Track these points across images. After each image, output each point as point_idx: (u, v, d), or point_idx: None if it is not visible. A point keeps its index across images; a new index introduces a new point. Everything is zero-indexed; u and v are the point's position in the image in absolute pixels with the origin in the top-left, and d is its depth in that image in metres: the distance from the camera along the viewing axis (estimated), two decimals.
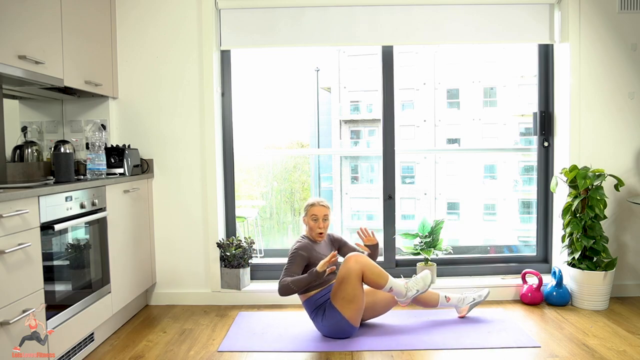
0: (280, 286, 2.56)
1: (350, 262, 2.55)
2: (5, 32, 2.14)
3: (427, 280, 2.66)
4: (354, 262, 2.54)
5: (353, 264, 2.54)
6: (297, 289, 2.54)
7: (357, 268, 2.53)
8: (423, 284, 2.64)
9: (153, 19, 3.18)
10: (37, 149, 2.91)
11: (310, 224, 2.76)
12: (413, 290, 2.61)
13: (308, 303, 2.66)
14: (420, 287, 2.63)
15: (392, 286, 2.57)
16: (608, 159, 3.19)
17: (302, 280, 2.53)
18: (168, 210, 3.25)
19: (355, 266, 2.53)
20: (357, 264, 2.54)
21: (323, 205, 2.76)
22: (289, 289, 2.53)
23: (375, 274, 2.55)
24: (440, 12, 3.22)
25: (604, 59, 3.17)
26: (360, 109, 5.01)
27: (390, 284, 2.57)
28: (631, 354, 2.37)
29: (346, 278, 2.53)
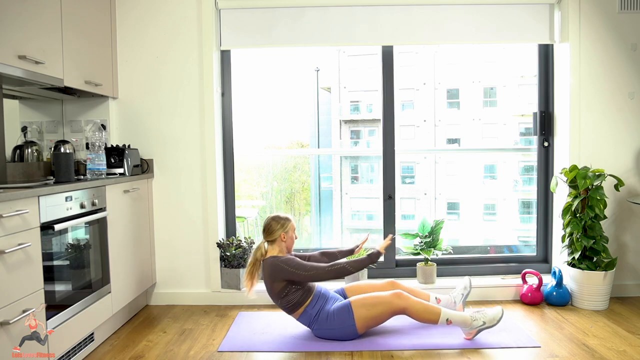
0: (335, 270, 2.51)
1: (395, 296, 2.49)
2: (5, 32, 2.14)
3: (498, 316, 2.49)
4: (398, 297, 2.49)
5: (397, 300, 2.48)
6: (355, 270, 2.54)
7: (399, 305, 2.48)
8: (492, 318, 2.49)
9: (153, 19, 3.18)
10: (37, 149, 2.91)
11: (292, 238, 2.67)
12: (480, 321, 2.48)
13: (304, 317, 2.59)
14: (488, 321, 2.48)
15: (449, 318, 2.47)
16: (608, 159, 3.19)
17: (361, 261, 2.54)
18: (168, 210, 3.25)
19: (398, 302, 2.48)
20: (402, 302, 2.48)
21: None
22: (346, 270, 2.52)
23: (420, 311, 2.48)
24: (440, 12, 3.22)
25: (604, 59, 3.17)
26: (360, 109, 5.01)
27: (445, 317, 2.47)
28: (631, 354, 2.37)
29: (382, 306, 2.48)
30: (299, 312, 2.58)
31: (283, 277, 2.53)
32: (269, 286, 2.60)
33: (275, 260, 2.57)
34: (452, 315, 2.48)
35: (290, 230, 2.65)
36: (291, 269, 2.53)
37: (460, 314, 2.50)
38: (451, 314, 2.48)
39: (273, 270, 2.55)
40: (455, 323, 2.48)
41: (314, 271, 2.52)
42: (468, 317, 2.49)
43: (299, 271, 2.52)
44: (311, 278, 2.53)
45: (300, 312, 2.58)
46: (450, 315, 2.48)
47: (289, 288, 2.55)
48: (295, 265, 2.54)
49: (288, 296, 2.55)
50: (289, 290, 2.55)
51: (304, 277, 2.52)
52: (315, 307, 2.56)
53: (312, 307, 2.56)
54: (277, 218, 2.66)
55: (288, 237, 2.65)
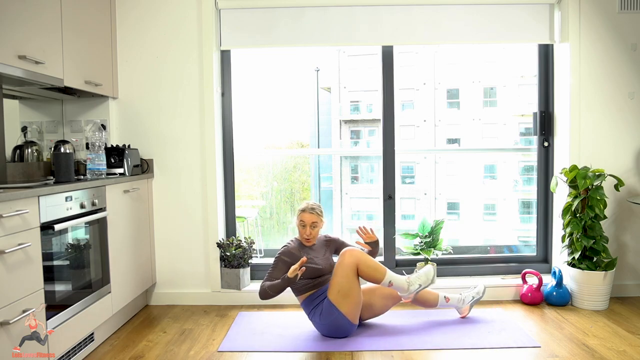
0: (260, 291, 2.58)
1: (344, 256, 2.56)
2: (5, 32, 2.14)
3: (430, 275, 2.63)
4: (348, 255, 2.55)
5: (347, 257, 2.54)
6: (274, 294, 2.55)
7: (350, 262, 2.53)
8: (425, 278, 2.62)
9: (153, 19, 3.18)
10: (37, 149, 2.91)
11: (299, 229, 2.74)
12: (415, 284, 2.59)
13: (306, 303, 2.67)
14: (423, 282, 2.60)
15: (391, 280, 2.56)
16: (608, 159, 3.19)
17: (277, 286, 2.54)
18: (168, 210, 3.25)
19: (349, 260, 2.53)
20: (351, 258, 2.54)
21: (312, 213, 2.70)
22: (266, 293, 2.56)
23: (370, 267, 2.55)
24: (440, 12, 3.22)
25: (604, 59, 3.17)
26: (360, 109, 5.01)
27: (389, 278, 2.56)
28: (631, 354, 2.37)
29: (340, 272, 2.53)
30: (303, 297, 2.68)
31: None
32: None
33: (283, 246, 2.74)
34: (394, 278, 2.56)
35: (297, 219, 2.75)
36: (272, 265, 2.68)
37: (400, 278, 2.58)
38: (395, 277, 2.57)
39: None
40: (396, 286, 2.58)
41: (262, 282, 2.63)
42: (404, 281, 2.58)
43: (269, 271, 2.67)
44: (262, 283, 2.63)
45: (304, 296, 2.68)
46: (392, 278, 2.56)
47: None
48: (272, 265, 2.68)
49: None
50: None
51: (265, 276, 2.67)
52: (318, 299, 2.63)
53: (315, 298, 2.64)
54: (299, 207, 2.77)
55: (297, 225, 2.76)
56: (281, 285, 2.52)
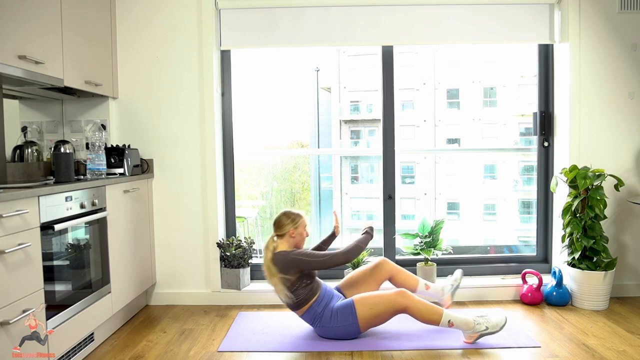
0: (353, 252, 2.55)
1: (399, 294, 2.48)
2: (5, 32, 2.14)
3: (501, 324, 2.47)
4: (402, 296, 2.47)
5: (400, 298, 2.46)
6: (365, 246, 2.62)
7: (403, 303, 2.46)
8: (495, 325, 2.46)
9: (153, 19, 3.18)
10: (37, 149, 2.90)
11: (304, 233, 2.63)
12: (483, 325, 2.45)
13: (308, 315, 2.58)
14: (491, 327, 2.45)
15: (450, 320, 2.44)
16: (608, 159, 3.19)
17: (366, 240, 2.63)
18: (168, 210, 3.25)
19: (401, 301, 2.45)
20: (404, 300, 2.46)
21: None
22: (359, 248, 2.58)
23: (422, 311, 2.45)
24: (440, 12, 3.22)
25: (604, 59, 3.17)
26: (360, 109, 5.01)
27: (447, 318, 2.44)
28: (631, 354, 2.37)
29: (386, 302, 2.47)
30: (305, 308, 2.57)
31: (298, 267, 2.51)
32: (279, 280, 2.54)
33: (288, 254, 2.54)
34: (454, 317, 2.45)
35: (300, 227, 2.60)
36: (305, 257, 2.51)
37: (463, 317, 2.47)
38: (453, 316, 2.45)
39: (286, 262, 2.51)
40: (457, 326, 2.46)
41: (329, 256, 2.53)
42: (471, 321, 2.45)
43: (314, 258, 2.51)
44: (327, 263, 2.52)
45: (306, 308, 2.57)
46: (452, 317, 2.44)
47: (300, 282, 2.53)
48: (309, 253, 2.54)
49: (298, 291, 2.53)
50: (299, 284, 2.53)
51: (319, 264, 2.51)
52: (321, 305, 2.56)
53: (318, 304, 2.56)
54: (289, 213, 2.63)
55: (297, 234, 2.59)
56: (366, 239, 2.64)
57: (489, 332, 2.46)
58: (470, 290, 3.22)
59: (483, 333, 2.46)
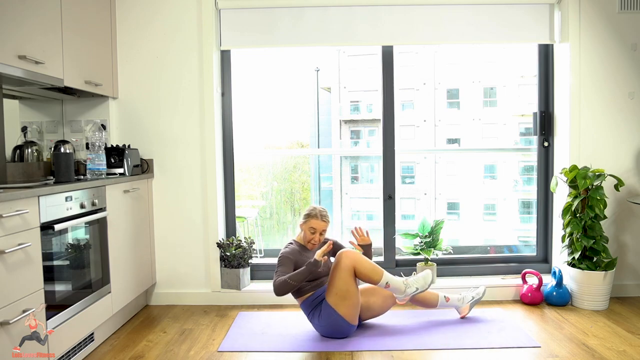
0: (277, 285, 2.51)
1: (341, 257, 2.56)
2: (5, 32, 2.14)
3: (428, 279, 2.64)
4: (345, 257, 2.55)
5: (344, 259, 2.54)
6: (296, 283, 2.51)
7: (347, 263, 2.53)
8: (423, 282, 2.62)
9: (153, 19, 3.18)
10: (37, 149, 2.90)
11: (307, 234, 2.71)
12: (412, 287, 2.59)
13: (305, 305, 2.66)
14: (420, 286, 2.61)
15: (388, 281, 2.56)
16: (608, 159, 3.19)
17: (300, 273, 2.50)
18: (168, 210, 3.25)
19: (345, 261, 2.53)
20: (348, 259, 2.54)
21: (324, 221, 2.71)
22: (287, 284, 2.50)
23: (367, 268, 2.55)
24: (440, 12, 3.22)
25: (604, 59, 3.17)
26: (360, 109, 5.01)
27: (385, 279, 2.55)
28: (631, 354, 2.37)
29: (337, 274, 2.53)
30: (302, 298, 2.67)
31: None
32: None
33: (284, 247, 2.71)
34: (391, 279, 2.57)
35: (306, 225, 2.71)
36: (278, 263, 2.64)
37: (397, 280, 2.58)
38: (392, 278, 2.57)
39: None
40: (392, 288, 2.58)
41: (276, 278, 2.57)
42: (402, 283, 2.58)
43: (277, 270, 2.61)
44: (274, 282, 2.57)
45: (303, 298, 2.67)
46: (390, 279, 2.56)
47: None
48: (279, 264, 2.63)
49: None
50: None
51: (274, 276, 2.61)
52: (316, 300, 2.63)
53: (314, 299, 2.64)
54: (308, 211, 2.74)
55: (305, 230, 2.72)
56: (305, 272, 2.50)
57: (420, 291, 2.62)
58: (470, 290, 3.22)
59: (415, 293, 2.61)
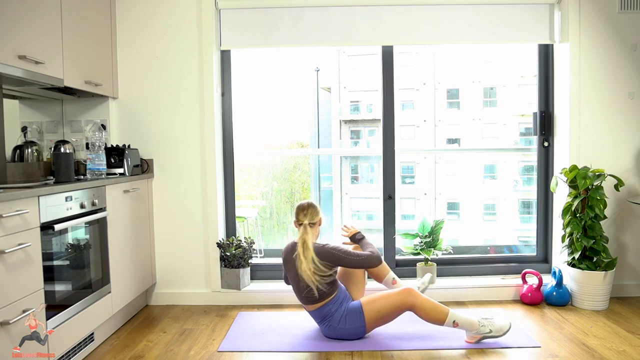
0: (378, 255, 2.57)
1: (405, 293, 2.48)
2: (5, 32, 2.14)
3: (505, 329, 2.50)
4: (408, 295, 2.47)
5: (407, 297, 2.47)
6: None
7: (409, 302, 2.46)
8: (499, 329, 2.49)
9: (153, 19, 3.18)
10: (37, 149, 2.91)
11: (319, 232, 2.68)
12: (487, 328, 2.47)
13: (320, 311, 2.56)
14: (495, 330, 2.48)
15: (455, 320, 2.45)
16: (608, 159, 3.19)
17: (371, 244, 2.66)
18: (168, 210, 3.25)
19: (407, 299, 2.46)
20: (410, 298, 2.46)
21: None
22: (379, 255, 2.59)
23: (428, 309, 2.45)
24: (440, 12, 3.22)
25: (604, 59, 3.17)
26: (360, 109, 5.01)
27: (452, 318, 2.44)
28: (631, 354, 2.37)
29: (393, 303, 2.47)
30: (320, 304, 2.55)
31: (332, 262, 2.52)
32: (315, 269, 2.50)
33: (324, 246, 2.54)
34: (459, 317, 2.45)
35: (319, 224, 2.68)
36: (341, 253, 2.51)
37: (468, 318, 2.47)
38: (458, 316, 2.45)
39: (322, 254, 2.51)
40: (462, 326, 2.46)
41: (364, 257, 2.54)
42: (476, 322, 2.47)
43: (350, 256, 2.51)
44: (362, 264, 2.54)
45: (320, 305, 2.55)
46: (457, 318, 2.45)
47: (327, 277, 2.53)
48: (345, 250, 2.53)
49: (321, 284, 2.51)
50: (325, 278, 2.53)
51: (353, 262, 2.53)
52: (336, 304, 2.55)
53: (333, 303, 2.55)
54: (314, 204, 2.67)
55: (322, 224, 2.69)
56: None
57: (492, 336, 2.48)
58: (470, 290, 3.23)
59: (486, 335, 2.48)
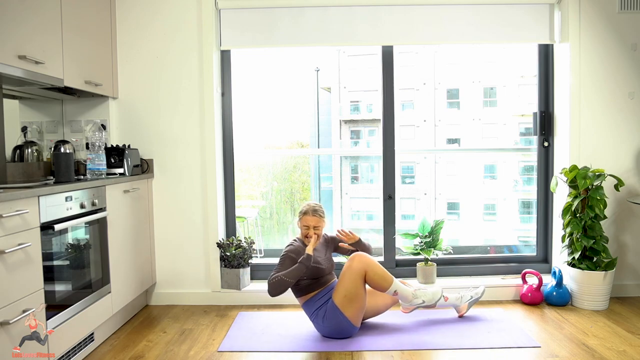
0: (272, 283, 2.49)
1: (353, 261, 2.56)
2: (5, 32, 2.14)
3: (437, 296, 2.69)
4: (358, 261, 2.55)
5: (356, 263, 2.54)
6: (292, 280, 2.50)
7: (359, 267, 2.53)
8: (431, 297, 2.67)
9: (153, 19, 3.18)
10: (37, 149, 2.90)
11: (302, 231, 2.74)
12: (420, 299, 2.64)
13: (308, 305, 2.65)
14: (427, 300, 2.66)
15: (397, 289, 2.58)
16: (608, 159, 3.19)
17: (294, 270, 2.51)
18: (168, 210, 3.25)
19: (357, 265, 2.53)
20: (360, 263, 2.54)
21: (315, 216, 2.70)
22: (282, 282, 2.47)
23: (378, 274, 2.55)
24: (440, 12, 3.22)
25: (604, 59, 3.17)
26: (360, 109, 5.01)
27: (394, 287, 2.58)
28: (631, 354, 2.37)
29: (348, 276, 2.53)
30: (305, 298, 2.65)
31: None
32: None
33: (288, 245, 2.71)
34: (400, 287, 2.60)
35: (300, 222, 2.75)
36: (279, 261, 2.63)
37: (407, 289, 2.62)
38: (400, 286, 2.60)
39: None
40: (400, 296, 2.62)
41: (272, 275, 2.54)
42: (410, 293, 2.63)
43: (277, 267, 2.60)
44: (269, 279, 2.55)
45: (307, 297, 2.64)
46: (398, 287, 2.59)
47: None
48: (279, 262, 2.62)
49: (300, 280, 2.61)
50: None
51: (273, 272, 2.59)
52: (320, 301, 2.60)
53: (318, 299, 2.61)
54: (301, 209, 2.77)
55: (300, 227, 2.76)
56: (299, 268, 2.51)
57: (425, 305, 2.67)
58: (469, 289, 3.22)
59: (419, 306, 2.67)
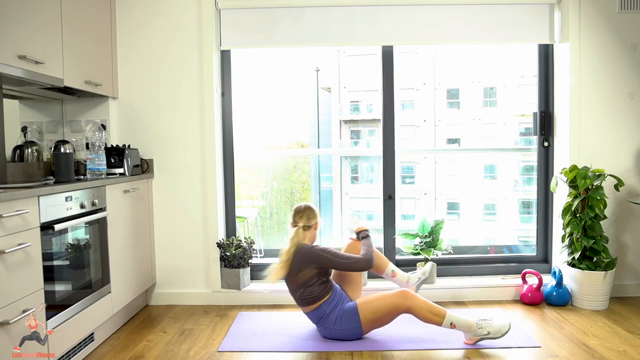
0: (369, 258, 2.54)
1: (401, 296, 2.47)
2: (5, 32, 2.14)
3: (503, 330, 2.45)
4: (403, 297, 2.46)
5: (402, 299, 2.45)
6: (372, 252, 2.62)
7: (404, 305, 2.45)
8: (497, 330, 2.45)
9: (153, 19, 3.18)
10: (37, 149, 2.91)
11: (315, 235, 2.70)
12: (485, 330, 2.45)
13: (316, 312, 2.57)
14: (493, 332, 2.44)
15: (452, 322, 2.43)
16: (608, 159, 3.19)
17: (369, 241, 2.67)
18: (168, 210, 3.25)
19: (403, 302, 2.45)
20: (406, 301, 2.45)
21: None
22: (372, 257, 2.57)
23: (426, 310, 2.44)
24: (440, 12, 3.22)
25: (604, 59, 3.17)
26: (360, 109, 5.01)
27: (449, 320, 2.42)
28: (631, 354, 2.37)
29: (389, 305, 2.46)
30: (314, 306, 2.56)
31: (318, 263, 2.52)
32: (294, 273, 2.54)
33: (312, 247, 2.56)
34: (456, 319, 2.43)
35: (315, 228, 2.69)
36: (330, 255, 2.52)
37: (465, 319, 2.44)
38: (456, 317, 2.43)
39: (309, 257, 2.53)
40: (459, 327, 2.44)
41: (355, 260, 2.52)
42: (473, 324, 2.44)
43: (339, 259, 2.52)
44: (352, 266, 2.53)
45: (315, 306, 2.56)
46: (455, 319, 2.43)
47: (316, 279, 2.53)
48: (334, 252, 2.54)
49: (312, 287, 2.52)
50: (315, 281, 2.53)
51: (342, 265, 2.53)
52: (330, 305, 2.55)
53: (328, 304, 2.55)
54: (312, 207, 2.69)
55: (314, 232, 2.68)
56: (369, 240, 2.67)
57: (490, 337, 2.45)
58: (470, 290, 3.23)
59: (484, 337, 2.46)
